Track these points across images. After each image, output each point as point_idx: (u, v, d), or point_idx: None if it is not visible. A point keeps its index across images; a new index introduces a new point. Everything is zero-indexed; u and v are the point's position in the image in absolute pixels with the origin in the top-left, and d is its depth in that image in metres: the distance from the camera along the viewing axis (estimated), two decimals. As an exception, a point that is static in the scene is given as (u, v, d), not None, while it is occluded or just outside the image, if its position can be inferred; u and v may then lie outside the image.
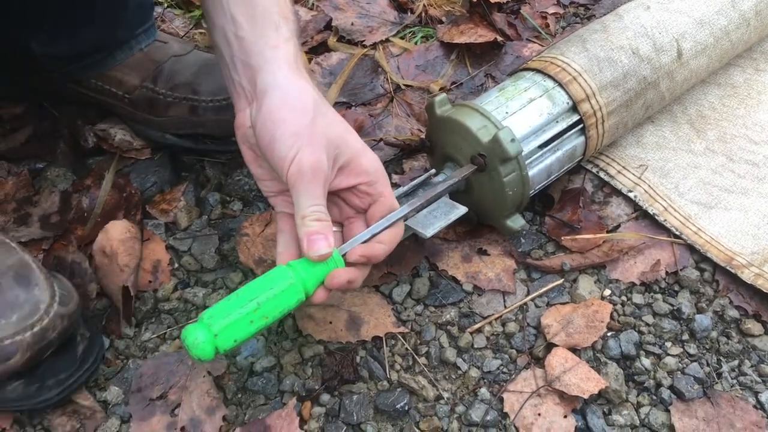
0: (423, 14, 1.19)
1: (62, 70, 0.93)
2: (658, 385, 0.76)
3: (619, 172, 0.93)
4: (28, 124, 1.00)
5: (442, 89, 1.06)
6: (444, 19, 1.18)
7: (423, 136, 0.98)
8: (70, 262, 0.83)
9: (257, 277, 0.65)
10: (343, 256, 0.67)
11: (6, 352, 0.66)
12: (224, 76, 0.71)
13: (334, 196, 0.70)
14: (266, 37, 0.66)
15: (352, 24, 1.16)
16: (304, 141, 0.63)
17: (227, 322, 0.61)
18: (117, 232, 0.84)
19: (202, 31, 1.17)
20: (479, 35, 1.11)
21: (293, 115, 0.64)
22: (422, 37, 1.17)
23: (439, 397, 0.75)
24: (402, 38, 1.17)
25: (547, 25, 1.16)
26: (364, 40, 1.14)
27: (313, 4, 1.22)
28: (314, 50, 1.14)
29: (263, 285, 0.63)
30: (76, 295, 0.73)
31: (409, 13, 1.20)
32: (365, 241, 0.68)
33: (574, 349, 0.77)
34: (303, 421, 0.73)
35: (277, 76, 0.65)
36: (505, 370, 0.77)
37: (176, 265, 0.87)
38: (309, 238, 0.63)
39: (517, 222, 0.83)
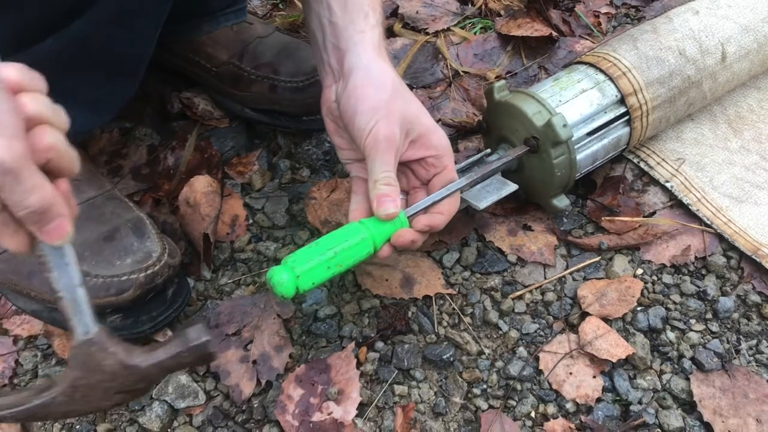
0: (483, 7, 1.26)
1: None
2: (681, 356, 0.83)
3: (658, 163, 1.00)
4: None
5: (497, 77, 1.13)
6: (503, 12, 1.25)
7: (479, 119, 1.06)
8: (162, 221, 0.93)
9: (323, 235, 0.74)
10: (408, 218, 0.76)
11: (123, 286, 0.77)
12: (315, 56, 0.80)
13: (403, 167, 0.79)
14: (355, 24, 0.74)
15: (417, 12, 1.24)
16: (381, 115, 0.71)
17: (308, 266, 0.70)
18: (200, 186, 0.94)
19: (281, 13, 1.26)
20: (535, 29, 1.18)
21: (374, 93, 0.72)
22: (481, 28, 1.24)
23: (481, 353, 0.84)
24: (462, 28, 1.24)
25: (599, 24, 1.23)
26: (427, 28, 1.22)
27: (381, -9, 1.30)
28: (380, 35, 1.23)
29: (339, 237, 0.72)
30: (179, 251, 0.84)
31: (470, 5, 1.28)
32: (426, 207, 0.77)
33: (606, 319, 0.85)
34: (359, 363, 0.82)
35: (362, 58, 0.74)
36: (542, 333, 0.85)
37: (251, 221, 0.96)
38: (379, 200, 0.72)
39: (562, 201, 0.91)
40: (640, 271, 0.91)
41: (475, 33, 1.23)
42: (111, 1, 0.69)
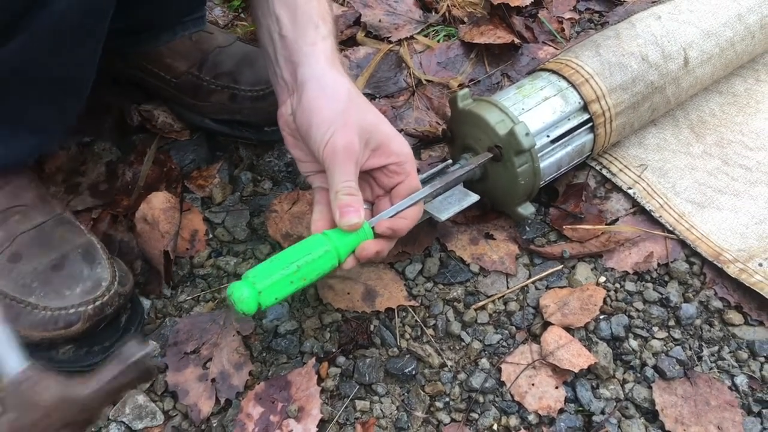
0: (446, 14, 1.26)
1: (113, 44, 1.01)
2: (643, 364, 0.83)
3: (620, 170, 1.00)
4: (79, 100, 1.09)
5: (460, 86, 1.13)
6: (466, 19, 1.25)
7: (442, 128, 1.05)
8: (118, 240, 0.91)
9: (284, 248, 0.73)
10: (372, 228, 0.74)
11: (70, 319, 0.75)
12: (269, 70, 0.79)
13: (366, 176, 0.77)
14: (306, 36, 0.73)
15: (380, 21, 1.24)
16: (337, 125, 0.70)
17: (270, 281, 0.68)
18: (159, 202, 0.92)
19: (243, 23, 1.24)
20: (498, 36, 1.17)
21: (328, 104, 0.71)
22: (444, 35, 1.24)
23: (443, 365, 0.83)
24: (426, 36, 1.23)
25: (563, 30, 1.22)
26: (390, 36, 1.21)
27: (344, 0, 1.29)
28: (343, 44, 1.21)
29: (302, 250, 0.70)
30: (131, 277, 0.82)
31: (433, 13, 1.27)
32: (390, 217, 0.75)
33: (568, 329, 0.85)
34: (320, 379, 0.81)
35: (315, 70, 0.72)
36: (504, 344, 0.85)
37: (211, 236, 0.95)
38: (342, 210, 0.70)
39: (527, 209, 0.91)
40: (602, 279, 0.90)
41: (438, 41, 1.22)
42: (44, 21, 0.67)
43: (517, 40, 1.17)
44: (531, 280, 0.90)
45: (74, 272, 0.78)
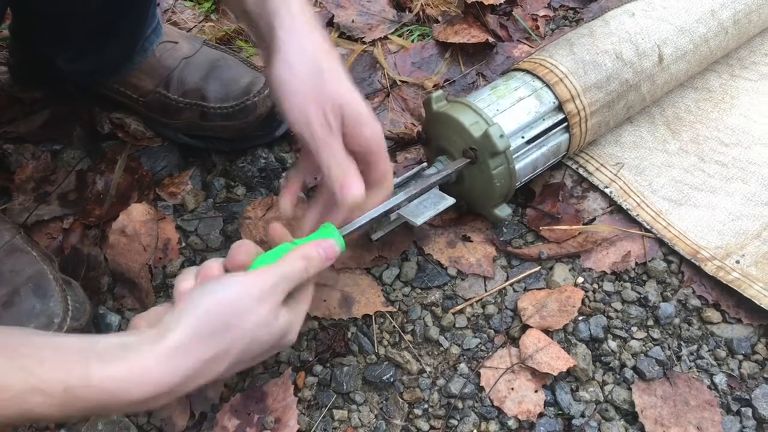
0: (420, 13, 1.24)
1: (85, 80, 0.99)
2: (623, 365, 0.82)
3: (597, 169, 0.99)
4: (47, 107, 1.07)
5: (435, 86, 1.12)
6: (440, 18, 1.23)
7: (418, 129, 1.04)
8: (86, 254, 0.89)
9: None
10: (343, 237, 0.72)
11: None
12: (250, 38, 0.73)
13: None
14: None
15: (353, 21, 1.22)
16: (310, 100, 0.65)
17: None
18: (139, 214, 0.91)
19: (212, 24, 1.22)
20: (472, 35, 1.16)
21: (302, 77, 0.66)
22: (419, 35, 1.23)
23: (422, 371, 0.82)
24: (400, 36, 1.22)
25: (537, 27, 1.22)
26: (363, 37, 1.20)
27: (316, 0, 1.27)
28: (316, 45, 1.20)
29: (268, 258, 0.69)
30: (88, 306, 0.79)
31: (407, 12, 1.25)
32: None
33: (547, 331, 0.84)
34: (297, 389, 0.80)
35: (291, 36, 0.67)
36: (483, 348, 0.84)
37: (183, 244, 0.93)
38: (341, 186, 0.65)
39: (504, 211, 0.90)
40: (580, 280, 0.90)
41: (412, 41, 1.21)
42: None
43: (491, 39, 1.16)
44: (509, 282, 0.89)
45: (26, 308, 0.75)
